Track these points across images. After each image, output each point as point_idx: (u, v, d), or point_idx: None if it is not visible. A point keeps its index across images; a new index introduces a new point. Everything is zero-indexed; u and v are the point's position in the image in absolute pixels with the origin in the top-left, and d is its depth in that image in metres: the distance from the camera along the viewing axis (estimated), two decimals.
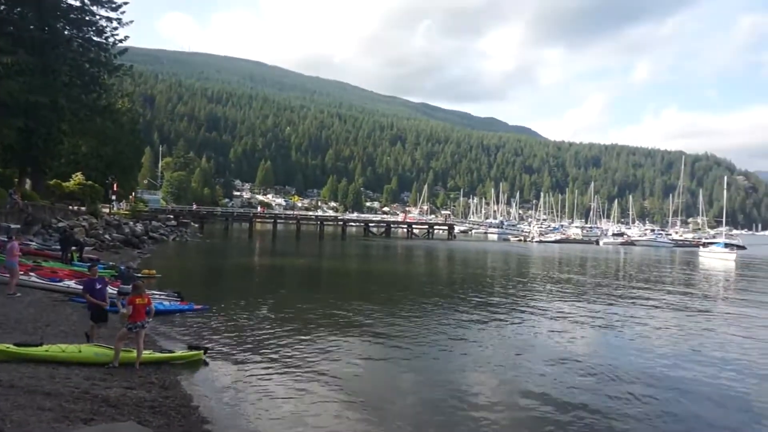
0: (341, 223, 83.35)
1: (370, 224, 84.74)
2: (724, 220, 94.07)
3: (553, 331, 14.78)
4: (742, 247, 72.79)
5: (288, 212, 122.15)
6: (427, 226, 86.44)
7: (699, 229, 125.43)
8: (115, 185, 48.58)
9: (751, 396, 9.79)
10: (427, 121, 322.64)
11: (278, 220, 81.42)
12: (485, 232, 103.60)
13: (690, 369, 11.32)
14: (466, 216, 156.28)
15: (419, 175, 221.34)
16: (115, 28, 36.14)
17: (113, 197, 50.62)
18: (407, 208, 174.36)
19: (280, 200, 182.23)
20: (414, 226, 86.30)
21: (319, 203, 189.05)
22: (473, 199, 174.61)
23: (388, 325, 14.61)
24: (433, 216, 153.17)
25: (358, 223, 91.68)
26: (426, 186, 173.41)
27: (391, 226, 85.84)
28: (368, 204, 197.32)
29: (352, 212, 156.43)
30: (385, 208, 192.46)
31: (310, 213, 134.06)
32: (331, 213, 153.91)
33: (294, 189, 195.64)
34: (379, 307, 17.40)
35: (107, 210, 47.88)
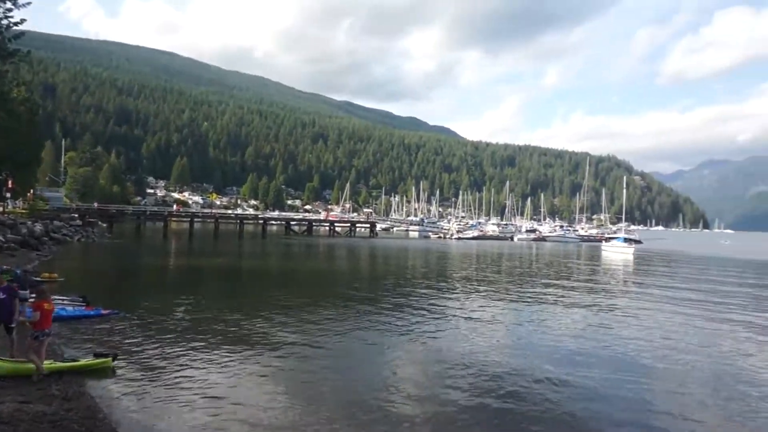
0: (262, 221, 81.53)
1: (292, 223, 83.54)
2: (623, 216, 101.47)
3: (467, 330, 15.28)
4: (639, 242, 78.95)
5: (206, 210, 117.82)
6: (349, 224, 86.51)
7: (602, 225, 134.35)
8: (9, 182, 44.60)
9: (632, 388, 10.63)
10: (350, 119, 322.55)
11: (195, 219, 78.36)
12: (406, 230, 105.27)
13: (590, 366, 12.13)
14: (388, 214, 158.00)
15: (341, 173, 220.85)
16: (9, 10, 33.06)
17: (8, 195, 46.45)
18: (329, 206, 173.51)
19: (197, 198, 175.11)
20: (336, 224, 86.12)
21: (239, 201, 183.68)
22: (395, 197, 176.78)
23: (303, 329, 14.48)
24: (355, 214, 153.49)
25: (279, 222, 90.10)
26: (348, 184, 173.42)
27: (313, 224, 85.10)
28: (290, 202, 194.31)
29: (273, 210, 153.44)
30: (307, 207, 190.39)
31: (229, 211, 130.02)
32: (251, 211, 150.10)
33: (212, 186, 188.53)
34: (297, 308, 17.22)
35: (0, 209, 43.90)
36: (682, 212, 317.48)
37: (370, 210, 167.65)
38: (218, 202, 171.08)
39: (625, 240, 67.07)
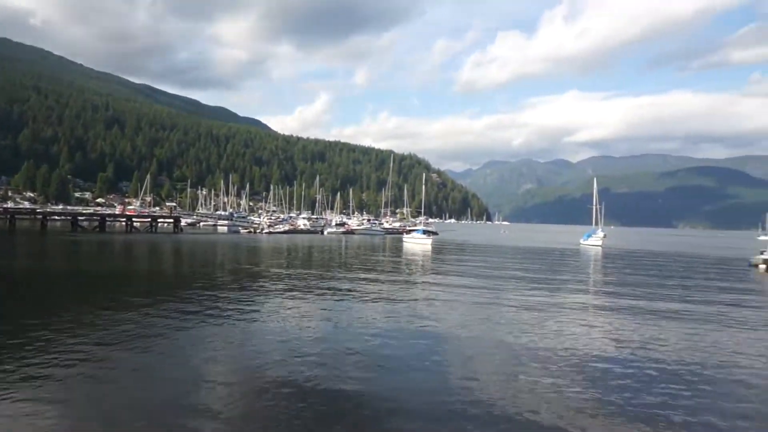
0: (41, 216, 70.17)
1: (80, 218, 73.47)
2: (422, 210, 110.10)
3: (279, 329, 15.00)
4: (436, 233, 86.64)
5: None
6: (149, 219, 79.13)
7: (404, 218, 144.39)
8: None
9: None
10: (151, 104, 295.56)
11: None
12: (215, 225, 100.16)
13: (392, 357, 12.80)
14: (195, 208, 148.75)
15: (141, 164, 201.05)
16: None
17: None
18: (127, 200, 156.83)
19: None
20: (135, 219, 78.11)
21: (10, 193, 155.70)
22: (202, 190, 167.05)
23: (89, 339, 12.76)
24: (157, 208, 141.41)
25: (64, 217, 78.53)
26: (149, 175, 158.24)
27: (107, 219, 75.94)
28: (78, 195, 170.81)
29: (57, 204, 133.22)
30: (100, 200, 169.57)
31: None
32: (27, 205, 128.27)
33: None
34: (80, 316, 15.10)
35: None
36: (471, 206, 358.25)
37: (174, 204, 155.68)
38: None
39: (424, 232, 72.79)
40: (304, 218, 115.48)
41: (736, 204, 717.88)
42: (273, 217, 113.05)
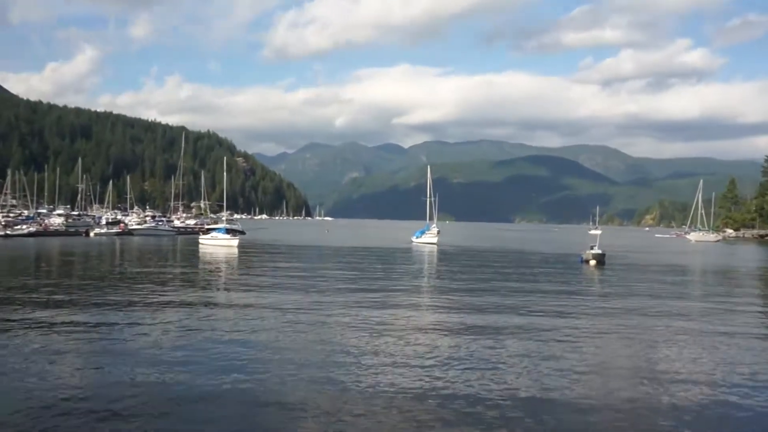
0: None
1: None
2: (225, 204, 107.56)
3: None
4: (243, 233, 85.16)
5: None
6: None
7: (202, 214, 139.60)
8: None
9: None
10: None
11: None
12: None
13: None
14: None
15: None
16: None
17: None
18: None
19: None
20: None
21: None
22: None
23: None
24: None
25: None
26: None
27: None
28: None
29: None
30: None
31: None
32: None
33: None
34: None
35: None
36: (286, 199, 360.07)
37: None
38: None
39: (227, 231, 71.13)
40: (59, 215, 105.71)
41: (570, 196, 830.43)
42: (12, 215, 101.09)
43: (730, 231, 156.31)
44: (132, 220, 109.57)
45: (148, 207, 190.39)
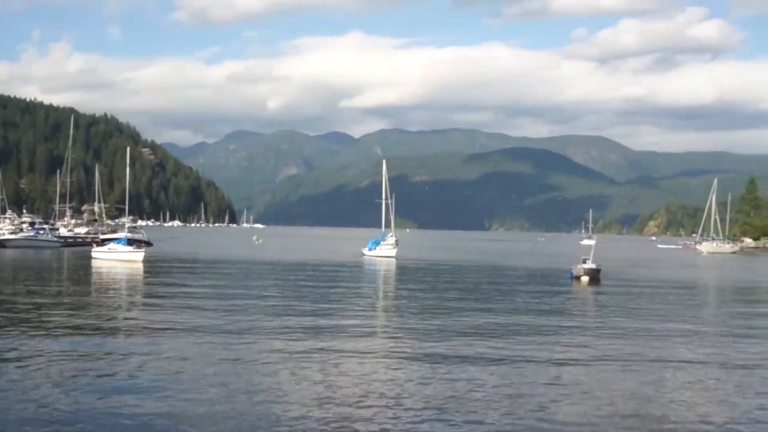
0: None
1: None
2: (127, 207, 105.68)
3: None
4: (149, 243, 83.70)
5: None
6: None
7: (96, 220, 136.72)
8: None
9: None
10: None
11: None
12: None
13: None
14: None
15: None
16: None
17: None
18: None
19: None
20: None
21: None
22: None
23: None
24: None
25: None
26: None
27: None
28: None
29: None
30: None
31: None
32: None
33: None
34: None
35: None
36: (205, 201, 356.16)
37: None
38: None
39: (129, 242, 69.78)
40: None
41: (558, 198, 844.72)
42: None
43: (749, 240, 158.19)
44: (4, 228, 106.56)
45: (25, 211, 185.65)
